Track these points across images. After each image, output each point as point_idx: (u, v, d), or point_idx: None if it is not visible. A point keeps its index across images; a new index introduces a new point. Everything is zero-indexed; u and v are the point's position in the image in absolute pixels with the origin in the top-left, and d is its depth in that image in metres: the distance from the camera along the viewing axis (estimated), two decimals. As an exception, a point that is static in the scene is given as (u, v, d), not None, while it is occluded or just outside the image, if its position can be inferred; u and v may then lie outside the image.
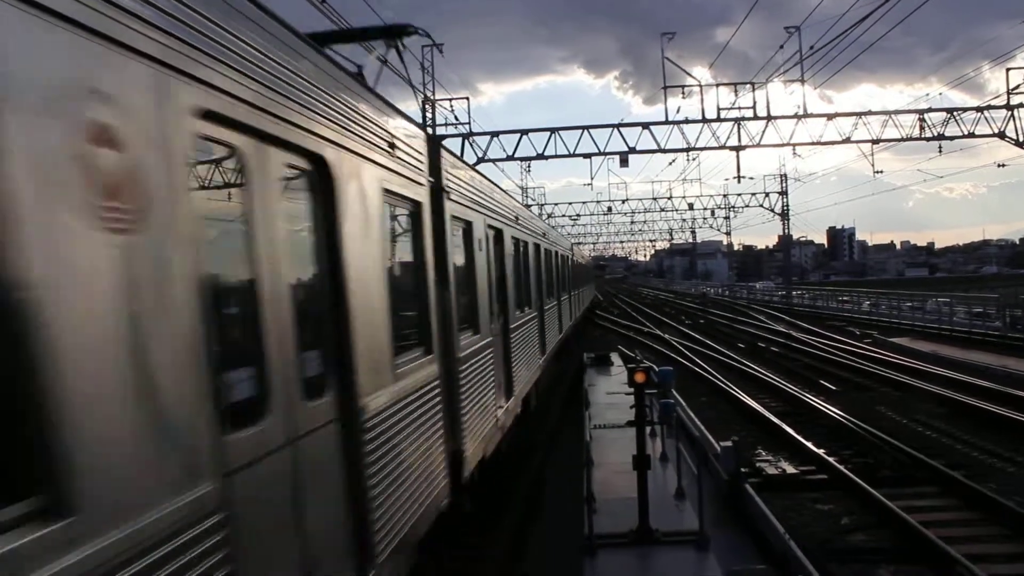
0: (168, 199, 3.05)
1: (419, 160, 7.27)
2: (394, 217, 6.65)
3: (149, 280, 2.90)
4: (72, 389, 2.41)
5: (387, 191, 6.06)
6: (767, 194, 70.94)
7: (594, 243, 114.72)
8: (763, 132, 39.62)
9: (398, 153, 6.46)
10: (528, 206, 34.28)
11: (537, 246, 18.14)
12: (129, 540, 2.59)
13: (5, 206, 2.24)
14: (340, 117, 5.09)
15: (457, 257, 8.83)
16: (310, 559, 4.21)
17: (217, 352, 3.34)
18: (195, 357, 3.15)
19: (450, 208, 8.28)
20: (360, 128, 5.48)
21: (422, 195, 7.26)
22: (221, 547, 3.16)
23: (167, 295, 3.00)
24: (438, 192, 7.92)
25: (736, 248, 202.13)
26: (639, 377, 9.70)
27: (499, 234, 12.04)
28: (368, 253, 5.42)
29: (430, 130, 34.37)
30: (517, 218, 14.65)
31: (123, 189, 2.76)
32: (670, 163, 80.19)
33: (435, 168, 7.89)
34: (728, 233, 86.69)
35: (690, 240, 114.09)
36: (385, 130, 6.17)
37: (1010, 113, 38.21)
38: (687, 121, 39.95)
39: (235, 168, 3.83)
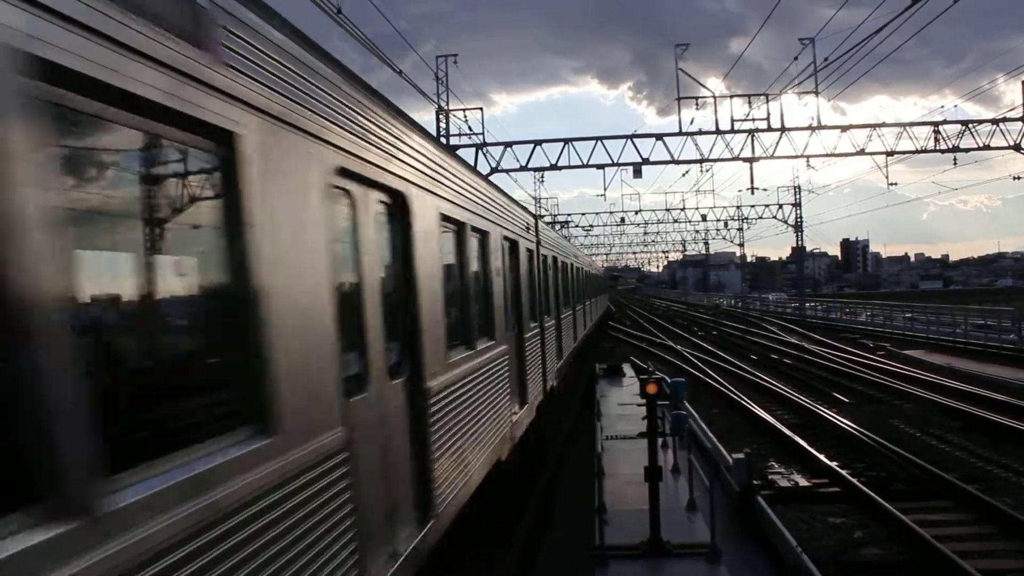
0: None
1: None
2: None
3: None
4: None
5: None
6: (780, 206, 70.78)
7: (607, 254, 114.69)
8: (777, 144, 39.57)
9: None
10: (541, 217, 34.29)
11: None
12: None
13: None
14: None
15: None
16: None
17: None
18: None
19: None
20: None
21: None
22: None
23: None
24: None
25: (749, 259, 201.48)
26: (651, 388, 9.72)
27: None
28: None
29: (443, 140, 34.53)
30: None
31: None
32: (683, 174, 79.80)
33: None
34: (741, 244, 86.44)
35: (703, 251, 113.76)
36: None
37: (1025, 125, 38.00)
38: (701, 132, 39.91)
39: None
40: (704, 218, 78.57)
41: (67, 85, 2.56)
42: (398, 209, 6.07)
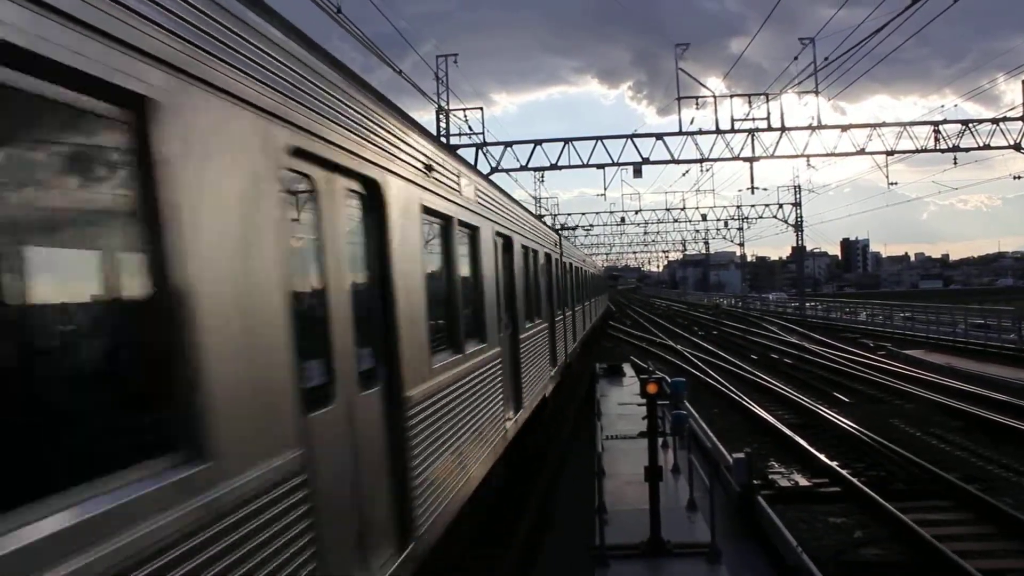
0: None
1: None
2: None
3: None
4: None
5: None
6: (781, 205, 70.77)
7: (607, 253, 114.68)
8: (777, 143, 39.58)
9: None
10: (541, 216, 34.39)
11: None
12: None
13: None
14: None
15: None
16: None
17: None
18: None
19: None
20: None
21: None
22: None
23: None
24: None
25: (749, 259, 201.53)
26: (651, 388, 9.70)
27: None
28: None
29: (444, 139, 34.52)
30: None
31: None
32: (684, 174, 79.82)
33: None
34: (741, 244, 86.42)
35: (703, 251, 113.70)
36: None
37: (1026, 125, 37.99)
38: (701, 132, 39.91)
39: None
40: (704, 218, 78.57)
41: None
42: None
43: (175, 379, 3.05)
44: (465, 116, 41.07)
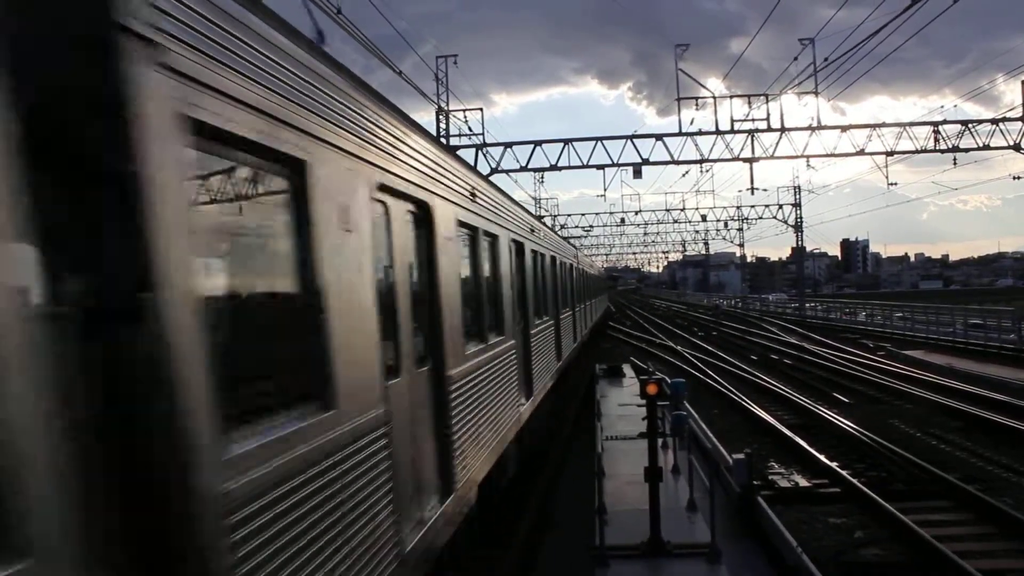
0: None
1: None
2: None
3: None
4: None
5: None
6: (780, 206, 70.77)
7: (607, 254, 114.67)
8: (776, 144, 39.61)
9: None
10: (541, 217, 34.48)
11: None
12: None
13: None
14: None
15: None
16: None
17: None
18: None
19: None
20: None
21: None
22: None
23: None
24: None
25: (749, 260, 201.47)
26: (651, 389, 9.72)
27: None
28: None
29: (443, 140, 34.53)
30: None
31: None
32: (683, 175, 79.88)
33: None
34: (741, 245, 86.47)
35: (703, 252, 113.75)
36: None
37: (1025, 125, 38.01)
38: (701, 133, 39.93)
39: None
40: (704, 218, 78.56)
41: None
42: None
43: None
44: (465, 117, 41.14)
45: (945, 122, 39.73)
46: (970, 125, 39.25)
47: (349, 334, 4.59)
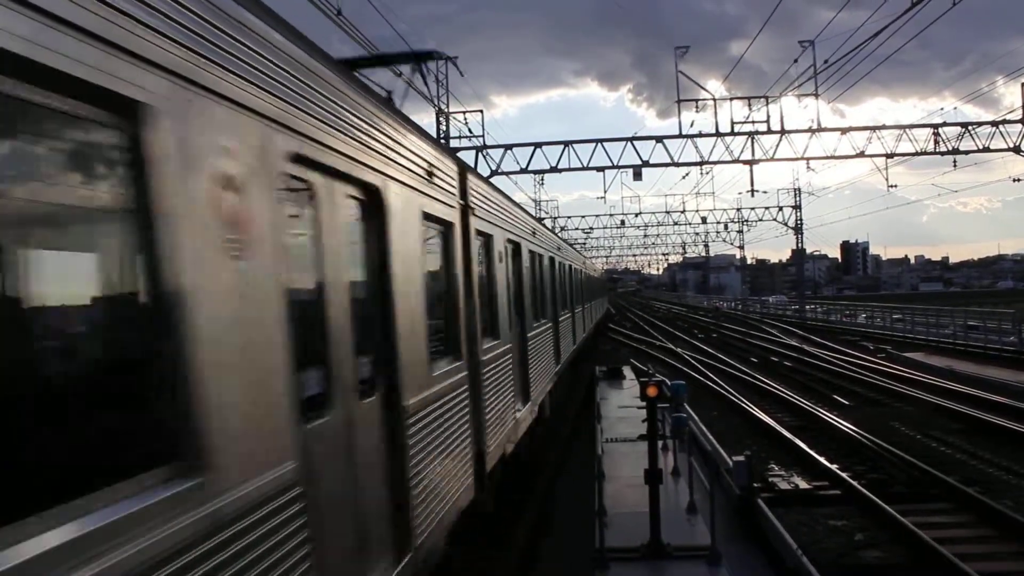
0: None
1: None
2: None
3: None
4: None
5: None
6: (780, 208, 70.75)
7: (607, 256, 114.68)
8: (777, 146, 39.64)
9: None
10: (541, 219, 34.52)
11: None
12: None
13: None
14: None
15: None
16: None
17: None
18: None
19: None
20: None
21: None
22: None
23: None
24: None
25: (749, 262, 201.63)
26: (651, 391, 9.70)
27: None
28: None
29: (444, 142, 34.50)
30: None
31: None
32: (683, 176, 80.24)
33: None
34: (741, 247, 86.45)
35: (703, 254, 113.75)
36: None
37: (1025, 127, 38.03)
38: (701, 135, 39.99)
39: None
40: (704, 220, 78.63)
41: None
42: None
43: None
44: (465, 119, 41.12)
45: (945, 124, 39.79)
46: (970, 127, 39.28)
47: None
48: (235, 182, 3.44)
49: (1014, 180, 44.54)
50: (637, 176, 41.71)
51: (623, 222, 76.50)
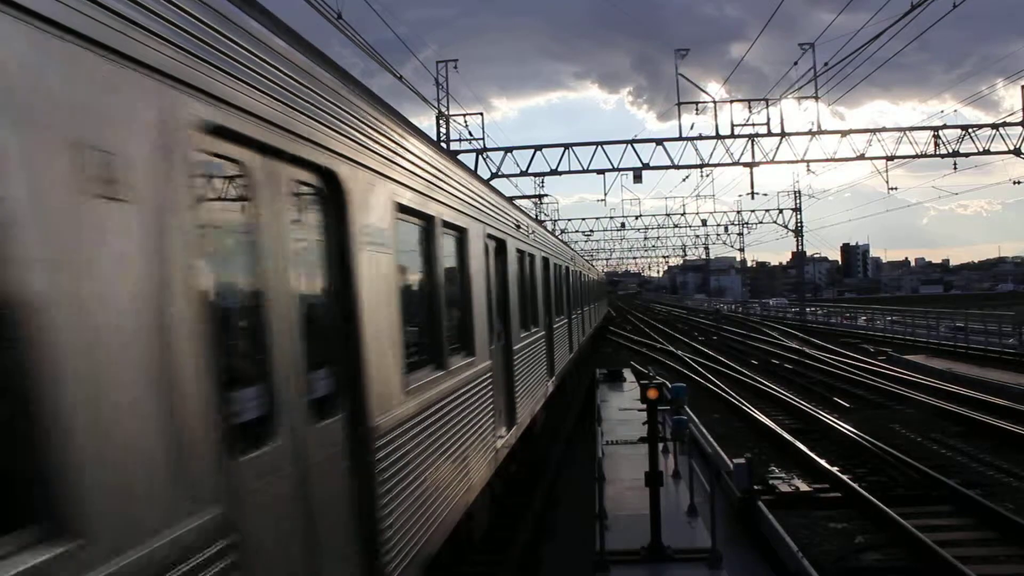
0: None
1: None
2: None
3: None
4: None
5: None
6: (781, 210, 70.78)
7: (607, 259, 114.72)
8: (777, 148, 39.62)
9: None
10: (541, 222, 34.49)
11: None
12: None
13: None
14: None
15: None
16: None
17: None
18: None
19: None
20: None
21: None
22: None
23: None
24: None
25: (749, 264, 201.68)
26: (652, 393, 9.68)
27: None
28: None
29: (444, 145, 34.51)
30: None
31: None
32: (684, 179, 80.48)
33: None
34: (741, 249, 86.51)
35: (703, 256, 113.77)
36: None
37: (1025, 130, 38.04)
38: (701, 137, 40.01)
39: None
40: (704, 223, 78.77)
41: None
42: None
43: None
44: (465, 122, 41.13)
45: (945, 127, 39.79)
46: (970, 130, 39.28)
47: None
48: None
49: (1014, 183, 44.51)
50: (637, 179, 41.63)
51: (623, 225, 76.64)
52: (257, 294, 3.76)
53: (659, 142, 40.35)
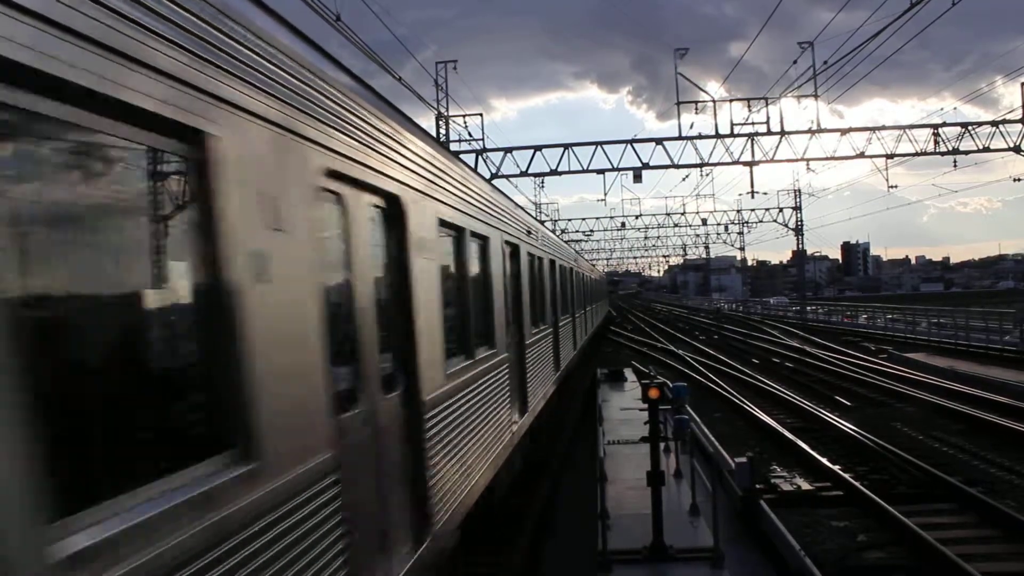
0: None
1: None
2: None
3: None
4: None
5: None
6: (781, 209, 70.78)
7: (607, 259, 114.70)
8: (776, 147, 39.63)
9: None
10: (542, 222, 34.51)
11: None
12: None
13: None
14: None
15: None
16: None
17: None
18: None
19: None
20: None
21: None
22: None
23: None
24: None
25: (750, 263, 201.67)
26: (653, 393, 9.70)
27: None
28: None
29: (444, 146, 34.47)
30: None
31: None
32: (683, 179, 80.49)
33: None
34: (742, 248, 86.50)
35: (704, 255, 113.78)
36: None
37: (1025, 127, 38.04)
38: (700, 137, 40.03)
39: None
40: (704, 222, 78.79)
41: None
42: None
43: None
44: (465, 122, 41.16)
45: (945, 124, 39.81)
46: (970, 127, 39.30)
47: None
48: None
49: (1014, 180, 44.55)
50: (637, 178, 41.67)
51: (623, 224, 76.64)
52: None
53: (659, 141, 40.39)
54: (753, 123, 39.25)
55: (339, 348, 4.53)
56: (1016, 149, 38.50)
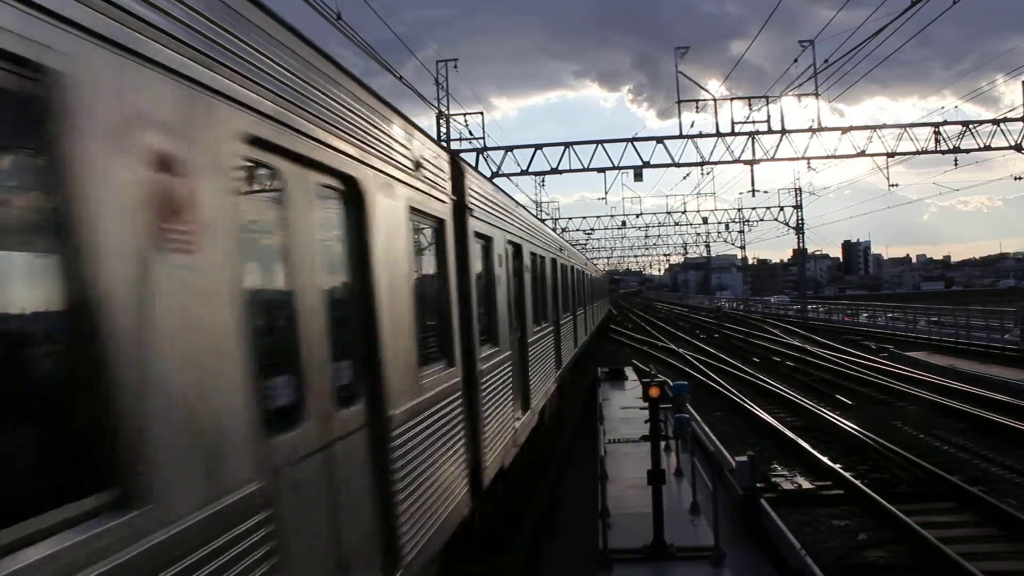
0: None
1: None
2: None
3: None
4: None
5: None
6: (781, 208, 70.77)
7: (608, 257, 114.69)
8: (777, 146, 39.63)
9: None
10: (543, 220, 34.54)
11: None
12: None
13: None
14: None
15: None
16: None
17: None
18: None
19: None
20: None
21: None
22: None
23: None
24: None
25: (751, 262, 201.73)
26: (654, 392, 9.68)
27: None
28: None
29: (444, 144, 34.53)
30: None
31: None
32: (684, 177, 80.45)
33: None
34: (742, 247, 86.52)
35: (704, 254, 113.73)
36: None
37: (1026, 126, 38.00)
38: (701, 135, 40.02)
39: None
40: (705, 221, 78.79)
41: None
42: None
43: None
44: (465, 121, 41.16)
45: (946, 123, 39.76)
46: (971, 126, 39.26)
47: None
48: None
49: (1015, 178, 44.55)
50: (638, 177, 41.68)
51: (624, 223, 76.62)
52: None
53: (659, 140, 40.37)
54: (754, 122, 39.25)
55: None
56: (1017, 147, 38.46)
